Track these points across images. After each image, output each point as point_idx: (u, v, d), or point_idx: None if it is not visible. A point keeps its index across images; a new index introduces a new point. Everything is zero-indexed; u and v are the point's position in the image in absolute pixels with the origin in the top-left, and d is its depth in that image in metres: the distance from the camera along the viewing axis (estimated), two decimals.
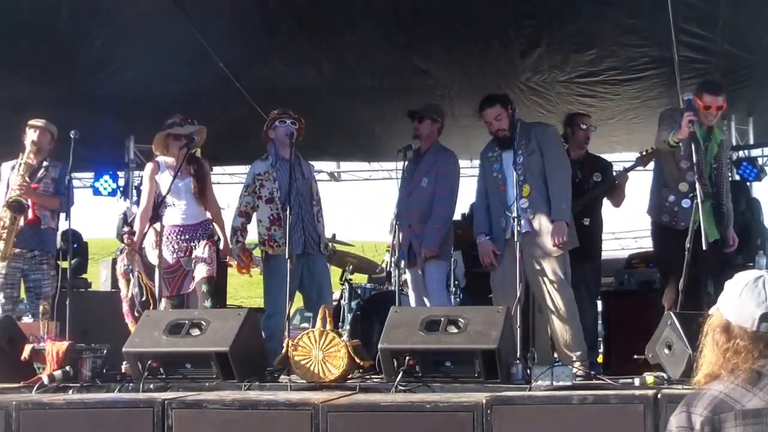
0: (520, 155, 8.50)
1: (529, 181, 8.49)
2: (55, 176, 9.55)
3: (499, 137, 8.67)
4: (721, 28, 10.68)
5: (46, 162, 9.54)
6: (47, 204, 9.53)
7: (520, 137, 8.61)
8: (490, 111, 8.73)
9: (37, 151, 9.49)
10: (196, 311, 8.41)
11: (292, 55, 11.91)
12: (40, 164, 9.50)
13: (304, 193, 9.23)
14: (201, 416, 6.36)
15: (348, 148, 15.78)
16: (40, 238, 9.53)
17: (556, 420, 5.99)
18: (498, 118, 8.67)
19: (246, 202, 9.24)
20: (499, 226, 8.51)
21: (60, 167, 9.55)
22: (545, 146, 8.67)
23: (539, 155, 8.57)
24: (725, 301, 3.41)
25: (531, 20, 10.94)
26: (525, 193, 8.47)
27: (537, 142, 8.61)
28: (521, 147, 8.55)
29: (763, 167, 14.40)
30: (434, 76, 12.40)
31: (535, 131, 8.76)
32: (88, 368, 7.54)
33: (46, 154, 9.58)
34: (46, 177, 9.52)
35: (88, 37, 11.26)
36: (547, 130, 8.97)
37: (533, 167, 8.53)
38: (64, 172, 9.48)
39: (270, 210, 9.11)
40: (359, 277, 12.51)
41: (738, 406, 3.22)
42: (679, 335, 6.67)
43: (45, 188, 9.54)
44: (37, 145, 9.49)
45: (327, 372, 7.20)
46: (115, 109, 12.78)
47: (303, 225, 9.12)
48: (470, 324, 6.96)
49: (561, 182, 8.65)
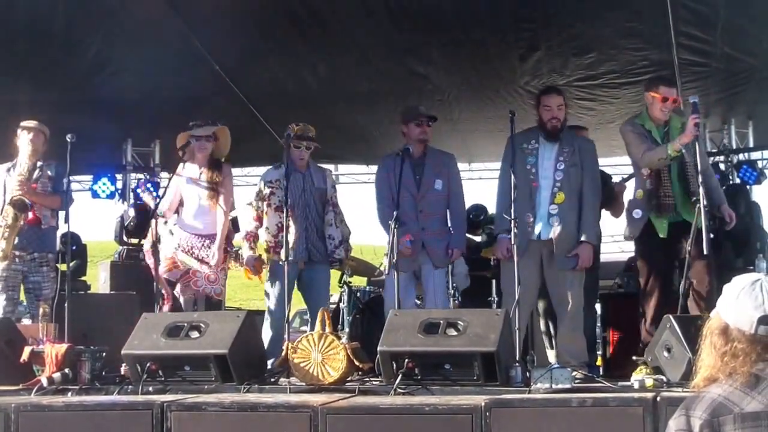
0: (561, 162, 8.52)
1: (564, 190, 8.49)
2: (51, 174, 9.54)
3: (548, 127, 8.58)
4: (720, 32, 10.68)
5: (41, 163, 9.54)
6: (48, 203, 9.52)
7: (564, 142, 8.62)
8: (558, 98, 8.75)
9: (32, 152, 9.49)
10: (195, 314, 8.41)
11: (289, 58, 11.91)
12: (35, 165, 9.49)
13: (311, 204, 9.27)
14: (200, 419, 6.36)
15: (346, 152, 15.78)
16: (40, 238, 9.53)
17: (556, 423, 5.98)
18: (560, 108, 8.67)
19: (258, 207, 9.26)
20: (525, 221, 8.43)
21: (54, 165, 9.54)
22: (587, 164, 8.70)
23: (580, 170, 8.58)
24: (723, 304, 3.40)
25: (530, 24, 10.94)
26: (558, 200, 8.47)
27: (580, 156, 8.62)
28: (564, 154, 8.56)
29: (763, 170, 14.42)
30: (433, 81, 12.40)
31: (581, 144, 8.78)
32: (87, 370, 7.53)
33: (40, 155, 9.58)
34: (43, 176, 9.51)
35: (84, 41, 11.26)
36: (591, 147, 8.97)
37: (572, 179, 8.53)
38: (60, 170, 9.48)
39: (279, 218, 9.11)
40: (358, 279, 12.51)
41: (737, 409, 3.22)
42: (679, 338, 6.67)
43: (43, 188, 9.53)
44: (32, 147, 9.49)
45: (326, 374, 7.20)
46: (113, 113, 12.78)
47: (307, 235, 9.15)
48: (469, 327, 6.96)
49: (595, 206, 8.74)
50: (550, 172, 8.51)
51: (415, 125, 9.04)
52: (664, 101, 8.17)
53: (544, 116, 8.66)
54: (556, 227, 8.45)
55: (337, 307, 11.59)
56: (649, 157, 8.22)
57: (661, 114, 8.23)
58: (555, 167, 8.51)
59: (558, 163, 8.52)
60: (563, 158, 8.53)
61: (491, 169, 18.68)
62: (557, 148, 8.57)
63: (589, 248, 8.52)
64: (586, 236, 8.52)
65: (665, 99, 8.17)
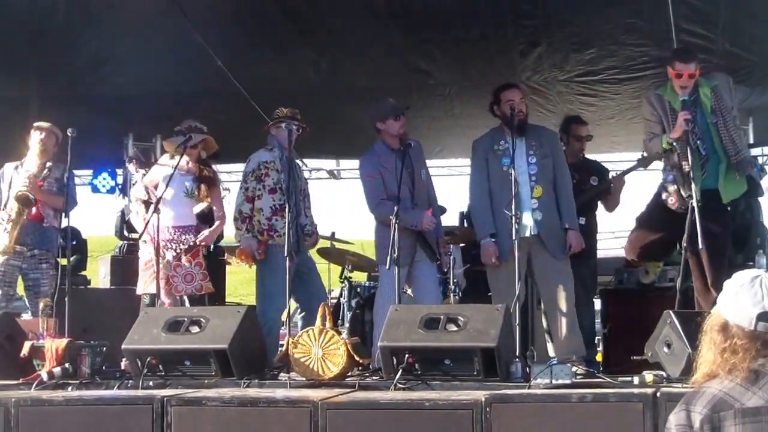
0: (532, 155, 8.53)
1: (541, 183, 8.50)
2: (58, 176, 9.56)
3: (515, 122, 8.50)
4: (721, 28, 10.68)
5: (50, 163, 9.56)
6: (52, 202, 9.53)
7: (529, 136, 8.62)
8: (518, 92, 8.77)
9: (41, 152, 9.51)
10: (196, 309, 8.41)
11: (291, 54, 11.91)
12: (44, 166, 9.51)
13: (298, 191, 9.28)
14: (200, 413, 6.37)
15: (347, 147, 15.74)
16: (41, 235, 9.53)
17: (556, 418, 5.99)
18: (522, 100, 8.68)
19: (253, 188, 9.16)
20: (507, 221, 8.43)
21: (63, 168, 9.56)
22: (556, 154, 8.76)
23: (551, 161, 8.60)
24: (723, 300, 3.41)
25: (531, 20, 10.95)
26: (536, 194, 8.47)
27: (549, 147, 8.65)
28: (532, 147, 8.56)
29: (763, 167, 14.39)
30: (434, 76, 12.40)
31: (547, 136, 8.82)
32: (87, 365, 7.54)
33: (50, 156, 9.60)
34: (50, 177, 9.54)
35: (84, 35, 11.27)
36: (556, 137, 9.08)
37: (546, 172, 8.55)
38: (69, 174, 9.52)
39: (272, 200, 9.09)
40: (359, 275, 12.51)
41: (737, 404, 3.22)
42: (679, 334, 6.67)
43: (49, 187, 9.56)
44: (42, 147, 9.51)
45: (326, 369, 7.20)
46: (114, 107, 12.77)
47: (297, 222, 9.13)
48: (470, 322, 6.96)
49: (570, 193, 8.75)
50: (524, 167, 8.50)
51: (394, 120, 8.85)
52: (679, 77, 8.15)
53: (504, 110, 8.63)
54: (541, 221, 8.47)
55: (337, 302, 11.60)
56: (649, 149, 8.34)
57: (679, 89, 8.19)
58: (527, 162, 8.51)
59: (529, 157, 8.53)
60: (533, 152, 8.55)
61: None
62: (525, 143, 8.57)
63: (575, 234, 8.54)
64: (569, 223, 8.56)
65: (679, 75, 8.14)
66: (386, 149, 8.85)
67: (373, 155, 8.97)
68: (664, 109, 8.22)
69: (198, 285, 9.07)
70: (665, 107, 8.22)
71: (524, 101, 8.74)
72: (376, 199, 8.84)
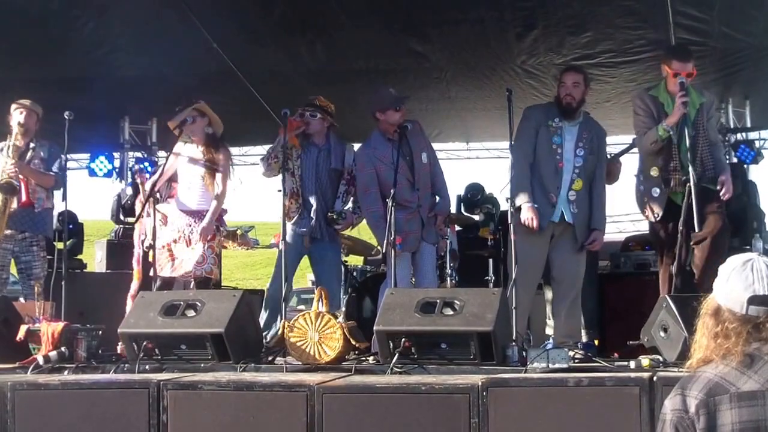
0: (581, 148, 8.53)
1: (582, 177, 8.51)
2: (44, 156, 9.51)
3: (563, 104, 8.53)
4: (718, 11, 10.66)
5: (33, 143, 9.50)
6: (42, 181, 9.49)
7: (582, 127, 8.62)
8: (574, 75, 8.69)
9: (24, 132, 9.44)
10: (192, 292, 8.40)
11: (287, 37, 11.89)
12: (27, 145, 9.46)
13: (324, 181, 9.37)
14: (196, 397, 6.36)
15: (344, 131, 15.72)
16: (33, 220, 9.49)
17: (552, 402, 5.98)
18: (575, 85, 8.59)
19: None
20: (548, 200, 8.45)
21: (48, 146, 9.53)
22: (602, 153, 8.80)
23: (596, 158, 8.62)
24: (717, 285, 3.42)
25: (526, 2, 10.92)
26: (576, 186, 8.48)
27: (597, 143, 8.67)
28: (583, 140, 8.56)
29: (760, 150, 14.42)
30: (430, 59, 12.38)
31: (597, 132, 8.79)
32: (83, 349, 7.54)
33: (32, 135, 9.53)
34: (35, 157, 9.47)
35: (81, 18, 11.22)
36: (605, 136, 9.03)
37: (588, 167, 8.57)
38: (54, 150, 9.50)
39: (292, 183, 9.23)
40: (355, 259, 12.51)
41: (733, 388, 3.22)
42: (675, 318, 6.67)
43: (36, 168, 9.50)
44: (24, 126, 9.44)
45: (323, 354, 7.21)
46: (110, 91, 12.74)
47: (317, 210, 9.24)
48: (466, 306, 6.96)
49: (604, 195, 8.78)
50: (571, 155, 8.51)
51: (394, 110, 8.85)
52: (676, 76, 8.11)
53: (560, 92, 8.61)
54: (576, 214, 8.50)
55: None
56: (644, 143, 8.23)
57: (674, 87, 8.14)
58: (575, 152, 8.52)
59: (578, 149, 8.53)
60: (583, 144, 8.55)
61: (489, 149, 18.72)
62: (577, 132, 8.57)
63: (600, 235, 8.64)
64: (597, 225, 8.63)
65: (677, 74, 8.10)
66: (382, 140, 8.86)
67: (369, 148, 8.99)
68: (658, 109, 8.20)
69: (208, 268, 9.03)
70: (659, 108, 8.20)
71: (579, 86, 8.60)
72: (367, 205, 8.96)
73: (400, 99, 8.98)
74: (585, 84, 8.68)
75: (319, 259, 9.46)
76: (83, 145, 14.39)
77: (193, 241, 8.99)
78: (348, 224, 9.64)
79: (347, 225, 9.65)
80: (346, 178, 9.45)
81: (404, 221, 8.58)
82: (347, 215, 9.41)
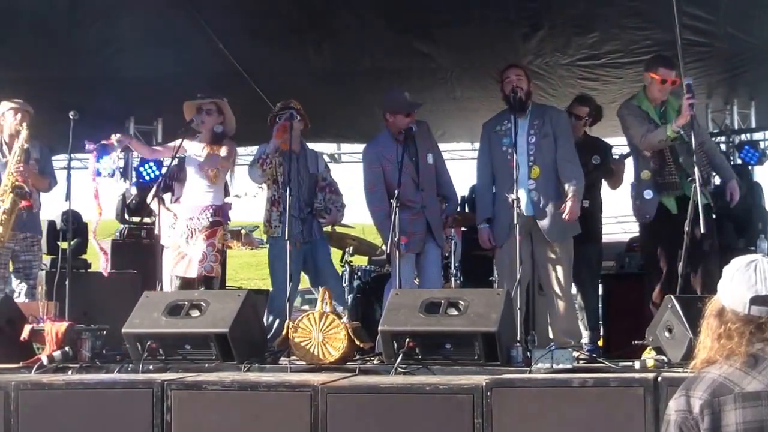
0: (532, 135, 8.52)
1: (539, 163, 8.49)
2: (37, 156, 9.53)
3: (514, 97, 8.56)
4: (724, 12, 10.65)
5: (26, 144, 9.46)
6: (40, 184, 9.57)
7: (533, 116, 8.62)
8: (514, 69, 8.82)
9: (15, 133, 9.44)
10: (196, 292, 8.41)
11: (292, 37, 11.88)
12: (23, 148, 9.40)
13: (303, 187, 9.31)
14: (200, 397, 6.37)
15: (348, 130, 15.75)
16: (33, 221, 9.58)
17: (556, 403, 5.99)
18: (519, 77, 8.68)
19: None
20: (507, 204, 8.40)
21: (39, 146, 9.55)
22: (560, 131, 8.71)
23: (552, 140, 8.58)
24: (721, 286, 3.44)
25: (532, 3, 10.91)
26: (534, 174, 8.48)
27: (552, 126, 8.62)
28: (534, 127, 8.56)
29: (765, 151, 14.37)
30: (435, 60, 12.36)
31: (551, 115, 8.78)
32: (87, 349, 7.55)
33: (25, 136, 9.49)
34: (30, 158, 9.47)
35: (87, 17, 11.23)
36: (561, 116, 8.99)
37: (545, 151, 8.54)
38: (44, 151, 9.57)
39: (273, 191, 9.20)
40: (359, 259, 12.51)
41: (737, 389, 3.23)
42: (680, 319, 6.67)
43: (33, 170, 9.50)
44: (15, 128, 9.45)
45: (327, 354, 7.21)
46: (116, 90, 12.74)
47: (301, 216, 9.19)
48: (470, 306, 6.96)
49: (576, 167, 8.70)
50: (524, 147, 8.51)
51: (404, 116, 8.90)
52: (663, 83, 8.17)
53: (506, 89, 8.67)
54: (537, 202, 8.47)
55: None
56: (649, 140, 8.24)
57: (659, 94, 8.23)
58: (527, 141, 8.51)
59: (530, 137, 8.55)
60: (533, 131, 8.57)
61: None
62: (528, 123, 8.59)
63: (575, 200, 8.49)
64: (571, 192, 8.51)
65: (664, 81, 8.17)
66: (390, 139, 8.89)
67: (376, 145, 9.02)
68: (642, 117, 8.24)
69: (209, 266, 9.02)
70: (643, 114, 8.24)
71: (523, 79, 8.71)
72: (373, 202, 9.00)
73: (413, 105, 9.02)
74: (527, 78, 8.82)
75: (313, 258, 9.40)
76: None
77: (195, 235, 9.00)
78: (332, 220, 9.67)
79: (332, 220, 9.67)
80: (321, 185, 9.48)
81: (408, 222, 8.58)
82: (332, 210, 9.41)
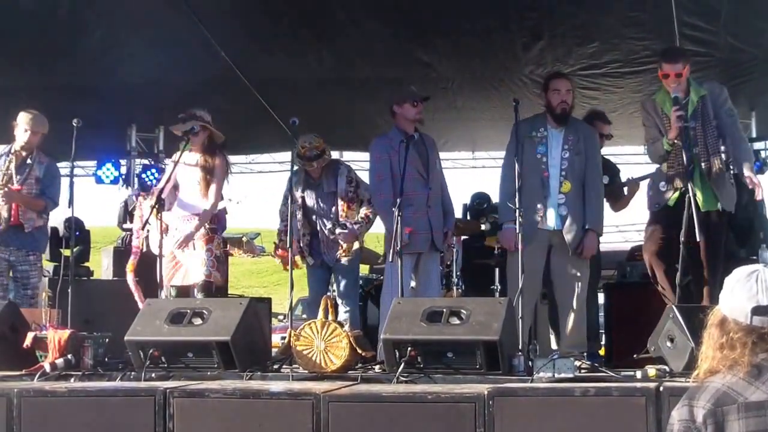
0: (566, 150, 8.51)
1: (570, 179, 8.48)
2: (39, 175, 9.40)
3: (558, 111, 8.53)
4: (723, 22, 10.69)
5: (31, 160, 9.41)
6: (31, 206, 9.41)
7: (569, 131, 8.60)
8: (566, 82, 8.75)
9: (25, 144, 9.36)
10: (198, 300, 8.41)
11: (294, 45, 11.92)
12: (24, 161, 9.36)
13: (325, 212, 9.54)
14: (202, 405, 6.38)
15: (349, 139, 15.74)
16: (24, 239, 9.40)
17: (558, 412, 5.99)
18: (569, 92, 8.63)
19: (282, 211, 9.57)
20: (535, 210, 8.41)
21: (46, 164, 9.43)
22: (591, 152, 8.68)
23: (584, 158, 8.56)
24: (722, 296, 3.44)
25: (533, 13, 10.95)
26: (564, 189, 8.45)
27: (584, 144, 8.59)
28: (569, 142, 8.53)
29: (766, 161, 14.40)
30: (437, 69, 12.40)
31: (585, 133, 8.74)
32: (90, 356, 7.55)
33: (32, 151, 9.43)
34: (30, 177, 9.36)
35: (89, 26, 11.26)
36: (594, 136, 8.95)
37: (576, 168, 8.51)
38: (51, 170, 9.47)
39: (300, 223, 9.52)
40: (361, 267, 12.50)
41: (741, 398, 3.23)
42: (682, 328, 6.67)
43: (29, 190, 9.39)
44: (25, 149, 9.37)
45: (329, 362, 7.21)
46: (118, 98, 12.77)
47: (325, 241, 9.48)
48: (472, 315, 6.95)
49: (600, 194, 8.72)
50: (558, 160, 8.49)
51: (412, 105, 8.91)
52: (666, 77, 8.14)
53: (553, 100, 8.59)
54: (566, 217, 8.45)
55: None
56: (651, 153, 8.30)
57: (671, 88, 8.16)
58: (561, 156, 8.50)
59: (563, 151, 8.51)
60: (568, 146, 8.51)
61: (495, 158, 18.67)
62: (563, 137, 8.56)
63: (593, 236, 8.53)
64: (591, 224, 8.51)
65: (666, 75, 8.13)
66: (399, 135, 8.85)
67: (385, 138, 9.03)
68: (658, 114, 8.21)
69: (207, 271, 9.02)
70: (658, 112, 8.21)
71: (571, 93, 8.66)
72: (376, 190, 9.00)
73: (418, 94, 9.04)
74: (573, 91, 8.79)
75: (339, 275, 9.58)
76: (90, 153, 14.39)
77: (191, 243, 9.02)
78: (352, 235, 9.51)
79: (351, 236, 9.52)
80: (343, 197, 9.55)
81: (413, 218, 8.56)
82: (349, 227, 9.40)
